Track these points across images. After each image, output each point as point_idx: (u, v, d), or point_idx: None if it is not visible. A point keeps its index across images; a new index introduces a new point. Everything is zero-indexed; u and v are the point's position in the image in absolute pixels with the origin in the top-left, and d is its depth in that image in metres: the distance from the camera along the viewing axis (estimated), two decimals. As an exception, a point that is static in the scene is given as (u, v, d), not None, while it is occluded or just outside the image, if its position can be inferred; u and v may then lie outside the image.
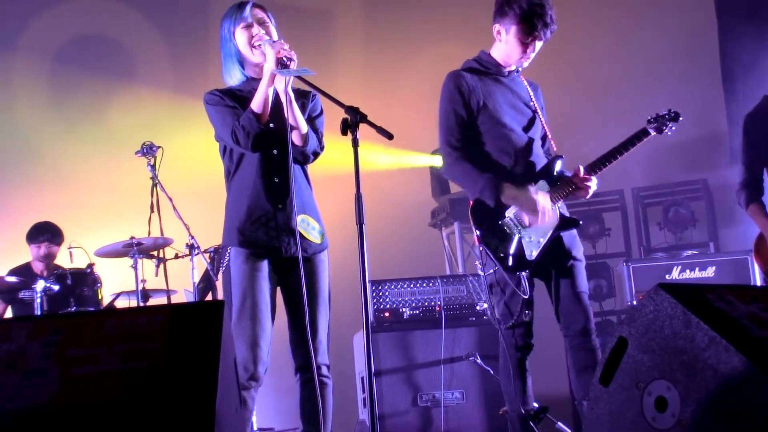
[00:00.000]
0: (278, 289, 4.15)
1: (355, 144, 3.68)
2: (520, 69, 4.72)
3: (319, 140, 4.20)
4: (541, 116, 4.72)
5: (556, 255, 4.54)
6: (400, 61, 8.58)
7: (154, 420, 2.59)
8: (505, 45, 4.62)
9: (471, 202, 4.54)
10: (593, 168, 4.62)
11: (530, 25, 4.51)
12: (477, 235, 4.51)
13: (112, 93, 8.29)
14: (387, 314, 5.65)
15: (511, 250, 4.43)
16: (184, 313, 2.83)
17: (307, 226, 4.11)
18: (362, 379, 5.75)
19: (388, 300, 5.68)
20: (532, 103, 4.70)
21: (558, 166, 4.62)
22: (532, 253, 4.45)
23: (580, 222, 4.62)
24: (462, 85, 4.58)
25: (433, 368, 5.53)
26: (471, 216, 4.53)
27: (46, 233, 7.17)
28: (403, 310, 5.68)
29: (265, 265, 4.06)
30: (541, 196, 4.46)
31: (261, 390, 4.09)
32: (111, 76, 8.29)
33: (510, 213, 4.48)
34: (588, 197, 4.69)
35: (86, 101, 8.23)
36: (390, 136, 3.66)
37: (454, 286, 5.78)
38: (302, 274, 3.88)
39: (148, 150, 6.78)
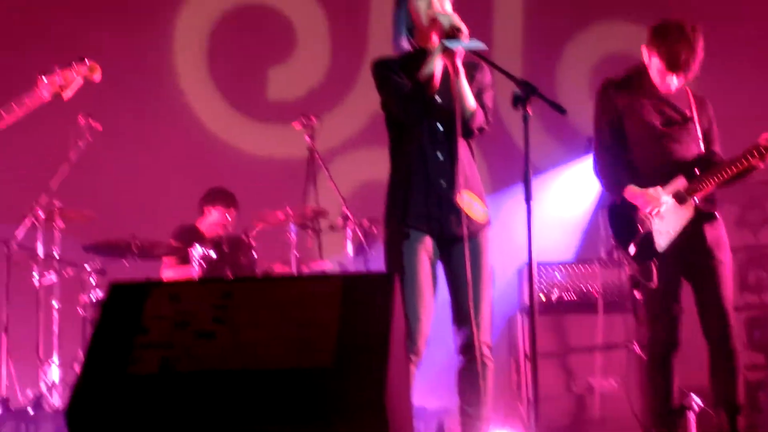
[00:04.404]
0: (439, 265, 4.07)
1: (526, 118, 3.59)
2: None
3: (486, 115, 4.10)
4: (697, 124, 4.63)
5: (695, 252, 4.49)
6: (563, 39, 8.39)
7: (326, 390, 2.56)
8: (649, 69, 4.63)
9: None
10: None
11: (668, 62, 4.51)
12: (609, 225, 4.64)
13: (270, 63, 8.37)
14: (542, 297, 5.53)
15: (637, 240, 4.45)
16: (358, 282, 2.80)
17: (470, 203, 4.01)
18: (515, 361, 5.64)
19: (543, 282, 5.56)
20: (687, 112, 4.64)
21: (701, 162, 4.56)
22: (660, 243, 4.44)
23: (716, 215, 4.55)
24: (607, 98, 4.68)
25: (588, 354, 5.39)
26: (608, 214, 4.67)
27: (227, 199, 7.18)
28: (559, 293, 5.55)
29: (427, 240, 3.98)
30: (653, 193, 4.47)
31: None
32: (270, 46, 8.37)
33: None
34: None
35: (244, 71, 8.33)
36: (563, 111, 3.60)
37: (613, 271, 5.61)
38: (467, 253, 3.81)
39: (306, 120, 6.82)
